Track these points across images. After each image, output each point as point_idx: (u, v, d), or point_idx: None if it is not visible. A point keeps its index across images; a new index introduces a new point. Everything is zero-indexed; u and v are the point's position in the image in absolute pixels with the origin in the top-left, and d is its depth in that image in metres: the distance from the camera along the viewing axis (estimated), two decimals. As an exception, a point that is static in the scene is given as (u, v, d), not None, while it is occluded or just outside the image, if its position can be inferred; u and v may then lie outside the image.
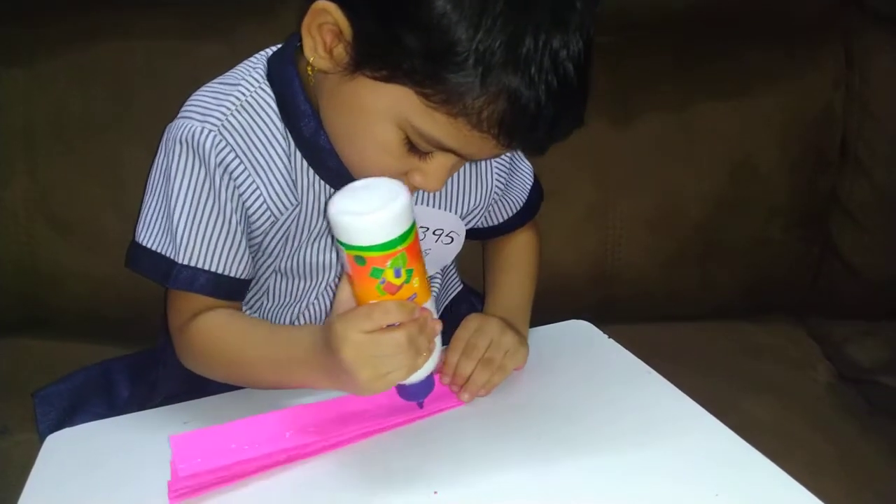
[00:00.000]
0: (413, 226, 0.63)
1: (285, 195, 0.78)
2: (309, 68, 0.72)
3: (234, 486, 0.65)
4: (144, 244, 0.77)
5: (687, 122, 1.22)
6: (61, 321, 1.14)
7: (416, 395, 0.71)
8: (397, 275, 0.63)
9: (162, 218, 0.77)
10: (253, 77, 0.78)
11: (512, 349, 0.79)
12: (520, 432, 0.71)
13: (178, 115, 0.78)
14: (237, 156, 0.75)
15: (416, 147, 0.69)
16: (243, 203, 0.77)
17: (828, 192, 1.27)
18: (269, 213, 0.78)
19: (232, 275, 0.77)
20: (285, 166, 0.77)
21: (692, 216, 1.23)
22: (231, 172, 0.75)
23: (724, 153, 1.23)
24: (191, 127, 0.75)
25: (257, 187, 0.77)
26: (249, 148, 0.76)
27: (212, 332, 0.77)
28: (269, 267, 0.83)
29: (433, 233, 0.86)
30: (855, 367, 1.19)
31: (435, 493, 0.63)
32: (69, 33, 1.12)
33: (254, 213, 0.77)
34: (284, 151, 0.77)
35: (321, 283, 0.85)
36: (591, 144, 1.18)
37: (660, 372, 0.79)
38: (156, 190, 0.78)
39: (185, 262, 0.75)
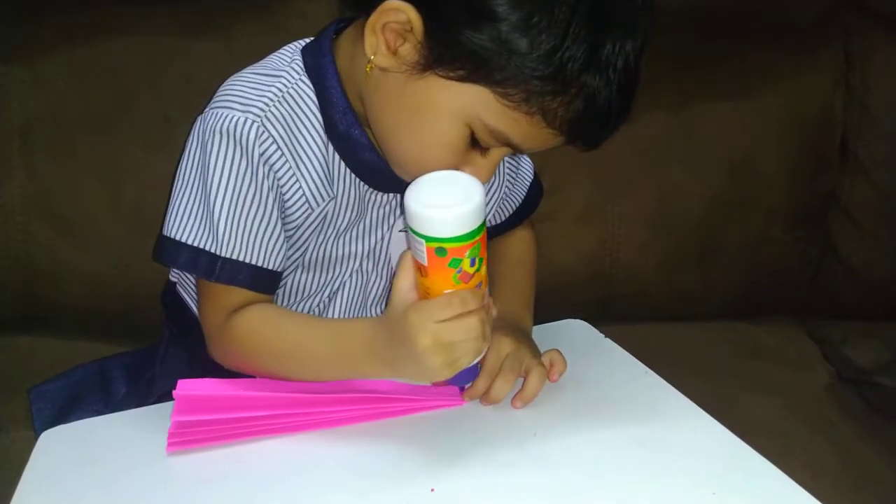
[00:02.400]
0: (486, 216, 0.65)
1: (322, 188, 0.77)
2: (368, 66, 0.71)
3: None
4: (179, 239, 0.75)
5: (687, 122, 1.22)
6: (58, 319, 1.14)
7: (466, 379, 0.72)
8: (472, 264, 0.64)
9: (199, 211, 0.75)
10: (293, 68, 0.77)
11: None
12: (516, 430, 0.70)
13: (213, 105, 0.75)
14: (279, 148, 0.74)
15: (477, 143, 0.70)
16: (282, 196, 0.76)
17: (827, 192, 1.27)
18: (306, 206, 0.77)
19: (271, 267, 0.76)
20: (323, 158, 0.77)
21: (691, 216, 1.23)
22: (272, 165, 0.74)
23: (723, 153, 1.23)
24: (232, 117, 0.73)
25: (297, 180, 0.76)
26: (290, 140, 0.75)
27: (261, 327, 0.76)
28: (294, 261, 0.83)
29: None
30: (854, 368, 1.19)
31: (432, 490, 0.63)
32: (67, 31, 1.12)
33: (291, 205, 0.77)
34: (323, 144, 0.77)
35: (342, 275, 0.85)
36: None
37: (657, 372, 0.79)
38: (189, 182, 0.76)
39: (228, 256, 0.74)
